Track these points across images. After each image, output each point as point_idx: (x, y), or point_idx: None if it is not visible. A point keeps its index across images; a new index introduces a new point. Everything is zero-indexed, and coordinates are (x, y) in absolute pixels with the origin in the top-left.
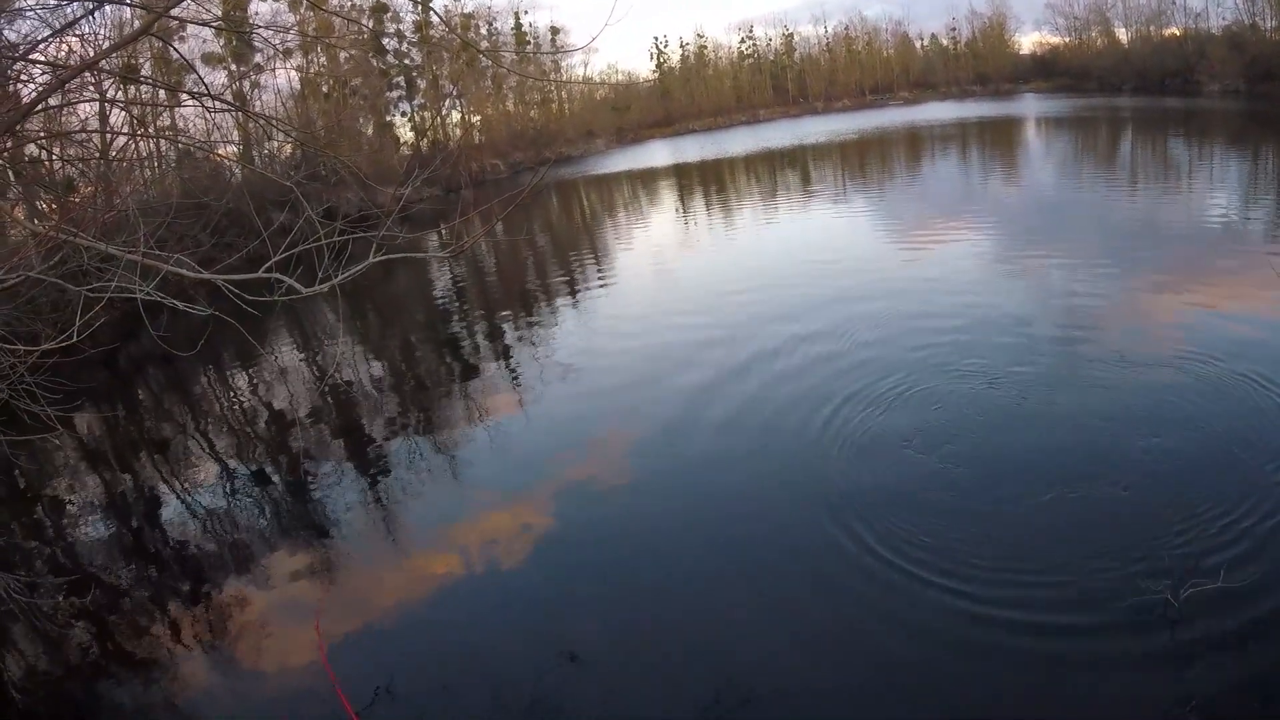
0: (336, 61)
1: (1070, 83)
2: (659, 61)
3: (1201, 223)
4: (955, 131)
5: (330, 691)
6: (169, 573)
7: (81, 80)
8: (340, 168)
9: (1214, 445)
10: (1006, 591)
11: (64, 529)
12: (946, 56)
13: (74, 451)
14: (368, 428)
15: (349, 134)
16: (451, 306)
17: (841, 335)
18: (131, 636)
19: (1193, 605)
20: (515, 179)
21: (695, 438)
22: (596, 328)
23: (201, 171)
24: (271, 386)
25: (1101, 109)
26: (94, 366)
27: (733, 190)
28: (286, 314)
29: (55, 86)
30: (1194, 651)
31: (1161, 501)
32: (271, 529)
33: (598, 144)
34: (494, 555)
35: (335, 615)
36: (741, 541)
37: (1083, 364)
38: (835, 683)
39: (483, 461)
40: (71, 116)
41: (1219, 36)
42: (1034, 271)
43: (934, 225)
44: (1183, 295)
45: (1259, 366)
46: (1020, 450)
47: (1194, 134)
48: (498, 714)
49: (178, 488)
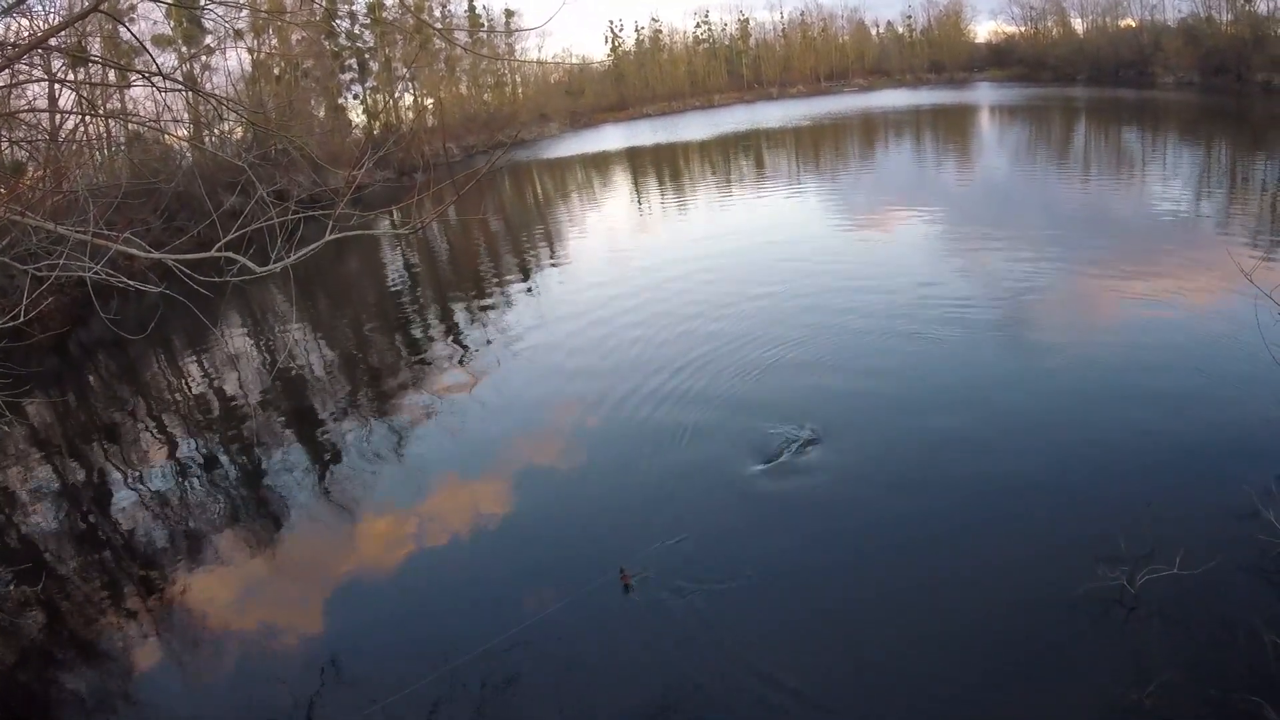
0: (288, 43)
1: (1025, 72)
2: (614, 46)
3: (1152, 212)
4: (909, 118)
5: (276, 662)
6: (120, 559)
7: (30, 60)
8: (292, 149)
9: (1169, 437)
10: (965, 574)
11: (13, 517)
12: (902, 44)
13: (24, 438)
14: (318, 411)
15: (301, 116)
16: (403, 289)
17: (783, 313)
18: (83, 623)
19: (1149, 591)
20: (468, 162)
21: (641, 415)
22: (547, 310)
23: (152, 154)
24: (222, 371)
25: (1055, 98)
26: (43, 353)
27: (686, 175)
28: (237, 298)
29: (2, 65)
30: (1150, 635)
31: (1120, 493)
32: (222, 513)
33: (551, 128)
34: (444, 532)
35: (285, 590)
36: (687, 513)
37: (1041, 355)
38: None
39: (434, 442)
40: (20, 99)
41: (1174, 28)
42: (984, 259)
43: (884, 211)
44: (1136, 286)
45: (1215, 360)
46: (977, 441)
47: (1147, 124)
48: (446, 686)
49: (129, 474)
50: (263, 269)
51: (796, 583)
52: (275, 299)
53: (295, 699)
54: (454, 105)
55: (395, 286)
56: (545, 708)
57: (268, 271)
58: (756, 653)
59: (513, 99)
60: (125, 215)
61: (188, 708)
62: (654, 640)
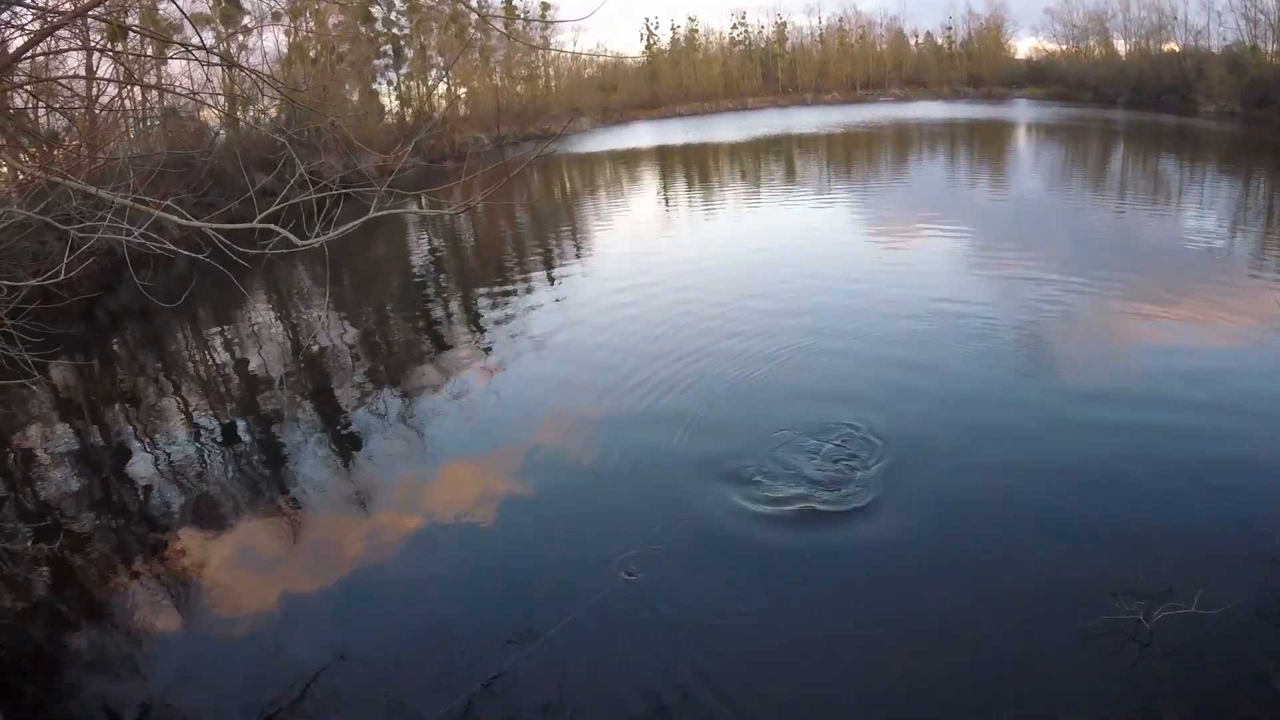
0: (325, 26)
1: (1065, 91)
2: (649, 43)
3: (1186, 243)
4: (944, 131)
5: (285, 638)
6: (136, 523)
7: (70, 29)
8: (327, 129)
9: (1194, 472)
10: (978, 602)
11: (34, 477)
12: (940, 55)
13: (48, 400)
14: (340, 390)
15: (335, 99)
16: (428, 275)
17: (807, 327)
18: (97, 584)
19: (1165, 628)
20: (499, 153)
21: (662, 408)
22: (570, 303)
23: (186, 129)
24: (247, 346)
25: (1095, 120)
26: (72, 318)
27: (715, 177)
28: (265, 276)
29: (44, 33)
30: (1163, 673)
31: (1141, 527)
32: (239, 485)
33: (583, 123)
34: (459, 520)
35: (300, 565)
36: (704, 508)
37: (1064, 383)
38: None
39: (453, 428)
40: (59, 69)
41: (1218, 56)
42: (1010, 281)
43: (913, 225)
44: (1166, 317)
45: (1245, 396)
46: (998, 467)
47: (1186, 153)
48: (455, 677)
49: (149, 441)
50: (303, 243)
51: (805, 608)
52: (303, 278)
53: (304, 670)
54: (486, 95)
55: (420, 272)
56: (557, 708)
57: (306, 246)
58: (760, 674)
59: (545, 92)
60: (159, 188)
61: (194, 667)
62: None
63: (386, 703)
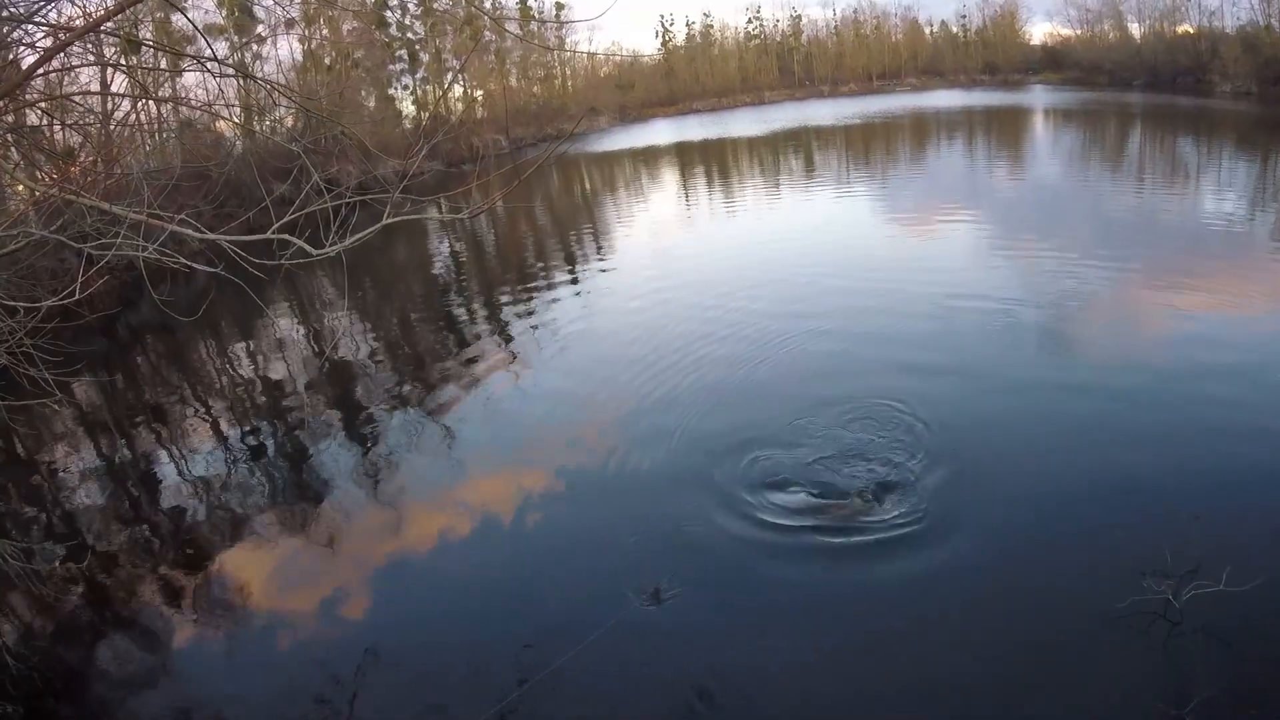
0: (339, 33)
1: (1080, 76)
2: (664, 40)
3: (1207, 223)
4: (962, 119)
5: (321, 652)
6: (164, 539)
7: (83, 45)
8: (344, 137)
9: (1219, 451)
10: (1007, 583)
11: (61, 495)
12: (956, 44)
13: (72, 418)
14: (363, 397)
15: (351, 106)
16: (449, 279)
17: (829, 318)
18: (127, 602)
19: (1194, 606)
20: (517, 155)
21: (686, 410)
22: (592, 303)
23: (202, 141)
24: (269, 356)
25: (1111, 104)
26: (93, 334)
27: (735, 171)
28: (285, 286)
29: (57, 49)
30: (1193, 651)
31: (1168, 506)
32: (267, 496)
33: (601, 121)
34: (485, 524)
35: (327, 578)
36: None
37: (1089, 363)
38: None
39: (479, 437)
40: (73, 85)
41: (1233, 36)
42: (1033, 264)
43: (933, 212)
44: (1190, 298)
45: (1270, 375)
46: (1022, 447)
47: (1203, 133)
48: (484, 677)
49: (174, 455)
50: (318, 252)
51: (833, 591)
52: (323, 286)
53: (334, 685)
54: (503, 97)
55: (441, 276)
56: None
57: (323, 255)
58: (792, 664)
59: (562, 92)
60: (175, 200)
61: (224, 686)
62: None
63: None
